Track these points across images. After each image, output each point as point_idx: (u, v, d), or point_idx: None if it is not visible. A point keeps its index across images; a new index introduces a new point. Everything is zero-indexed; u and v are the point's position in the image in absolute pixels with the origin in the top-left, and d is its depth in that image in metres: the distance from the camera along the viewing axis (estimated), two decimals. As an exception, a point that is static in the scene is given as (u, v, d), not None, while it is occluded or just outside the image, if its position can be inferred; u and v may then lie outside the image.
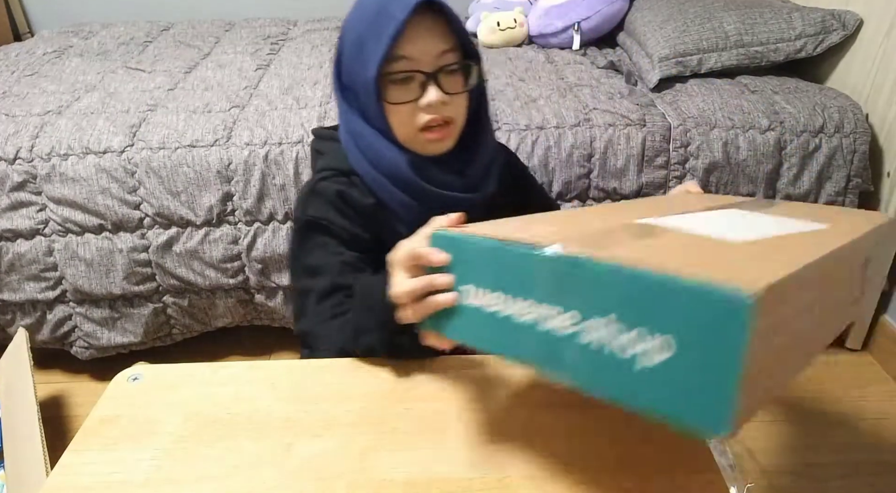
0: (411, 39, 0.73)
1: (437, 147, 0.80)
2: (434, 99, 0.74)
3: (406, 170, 0.79)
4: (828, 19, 1.61)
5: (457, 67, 0.76)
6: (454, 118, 0.79)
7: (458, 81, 0.77)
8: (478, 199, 0.83)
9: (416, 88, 0.75)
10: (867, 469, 1.34)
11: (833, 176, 1.45)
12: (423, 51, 0.74)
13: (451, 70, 0.76)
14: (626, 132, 1.42)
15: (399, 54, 0.73)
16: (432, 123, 0.77)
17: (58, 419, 1.47)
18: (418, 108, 0.76)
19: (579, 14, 1.90)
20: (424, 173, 0.80)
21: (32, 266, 1.41)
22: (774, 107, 1.48)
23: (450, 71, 0.76)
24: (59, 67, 1.82)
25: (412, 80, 0.75)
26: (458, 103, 0.78)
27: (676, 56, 1.61)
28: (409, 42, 0.73)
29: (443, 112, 0.76)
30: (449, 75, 0.76)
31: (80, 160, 1.36)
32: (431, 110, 0.76)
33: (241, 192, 1.38)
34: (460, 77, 0.77)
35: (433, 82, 0.74)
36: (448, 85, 0.76)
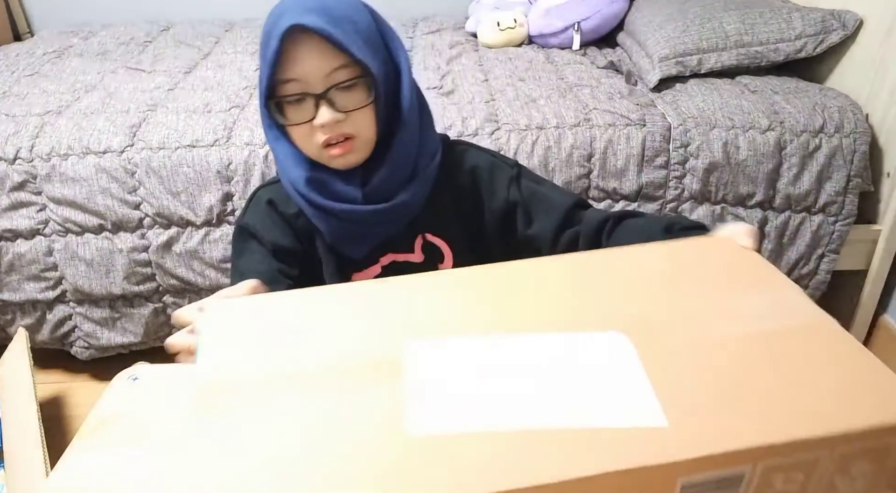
0: (296, 61, 0.74)
1: (343, 162, 0.80)
2: (326, 120, 0.75)
3: (304, 187, 0.81)
4: (828, 19, 1.61)
5: (351, 83, 0.75)
6: (355, 134, 0.78)
7: (354, 97, 0.76)
8: (386, 208, 0.82)
9: (310, 108, 0.75)
10: (867, 469, 1.34)
11: (833, 176, 1.45)
12: (309, 72, 0.74)
13: (344, 87, 0.75)
14: (626, 132, 1.42)
15: (287, 78, 0.74)
16: (331, 140, 0.77)
17: (58, 418, 1.47)
18: (314, 127, 0.76)
19: (579, 14, 1.90)
20: (324, 188, 0.82)
21: (32, 266, 1.41)
22: (774, 107, 1.48)
23: (343, 88, 0.75)
24: (59, 67, 1.82)
25: (305, 101, 0.75)
26: (357, 119, 0.77)
27: (676, 56, 1.61)
28: (294, 64, 0.74)
29: (339, 130, 0.76)
30: (343, 92, 0.75)
31: (80, 160, 1.36)
32: (327, 130, 0.76)
33: (241, 192, 1.38)
34: (359, 92, 0.76)
35: (324, 102, 0.75)
36: (342, 102, 0.75)
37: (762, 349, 0.51)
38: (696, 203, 1.46)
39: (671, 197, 1.45)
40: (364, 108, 0.77)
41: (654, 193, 1.45)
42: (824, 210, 1.47)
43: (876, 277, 1.56)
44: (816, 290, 1.54)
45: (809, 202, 1.47)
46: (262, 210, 0.88)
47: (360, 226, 0.84)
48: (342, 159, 0.79)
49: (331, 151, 0.78)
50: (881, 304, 1.61)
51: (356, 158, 0.80)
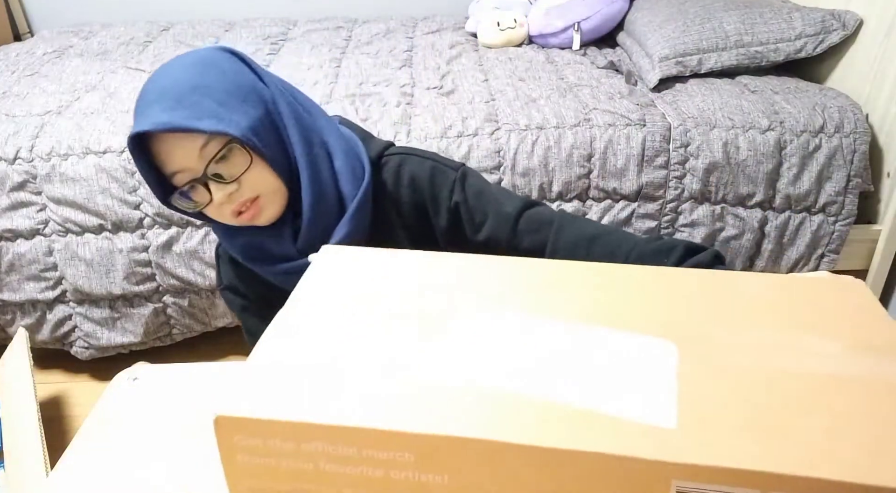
0: (166, 156, 0.73)
1: (260, 221, 0.78)
2: (220, 197, 0.73)
3: (243, 259, 0.82)
4: (828, 19, 1.61)
5: (224, 153, 0.72)
6: (258, 192, 0.75)
7: (235, 164, 0.73)
8: None
9: (203, 193, 0.74)
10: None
11: (833, 176, 1.45)
12: (182, 161, 0.72)
13: (220, 159, 0.72)
14: (626, 132, 1.42)
15: (171, 171, 0.73)
16: (238, 209, 0.75)
17: (58, 419, 1.47)
18: (217, 205, 0.75)
19: (579, 14, 1.90)
20: (261, 253, 0.80)
21: (32, 266, 1.41)
22: (774, 107, 1.48)
23: (220, 160, 0.72)
24: (59, 67, 1.82)
25: (196, 186, 0.74)
26: (251, 180, 0.74)
27: (676, 56, 1.61)
28: (166, 159, 0.73)
29: (239, 198, 0.74)
30: (223, 164, 0.73)
31: (80, 160, 1.36)
32: (228, 203, 0.74)
33: (241, 192, 1.39)
34: (237, 157, 0.73)
35: (211, 181, 0.73)
36: (228, 172, 0.73)
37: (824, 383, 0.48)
38: (696, 203, 1.46)
39: (671, 197, 1.45)
40: (249, 169, 0.74)
41: (654, 193, 1.45)
42: (824, 210, 1.47)
43: (876, 277, 1.56)
44: (816, 290, 1.54)
45: (809, 202, 1.47)
46: (230, 270, 0.88)
47: None
48: (258, 220, 0.77)
49: (242, 217, 0.76)
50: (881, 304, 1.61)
51: (272, 212, 0.78)
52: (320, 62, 1.84)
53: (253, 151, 0.73)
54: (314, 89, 1.62)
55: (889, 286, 1.59)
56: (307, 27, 2.23)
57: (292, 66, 1.81)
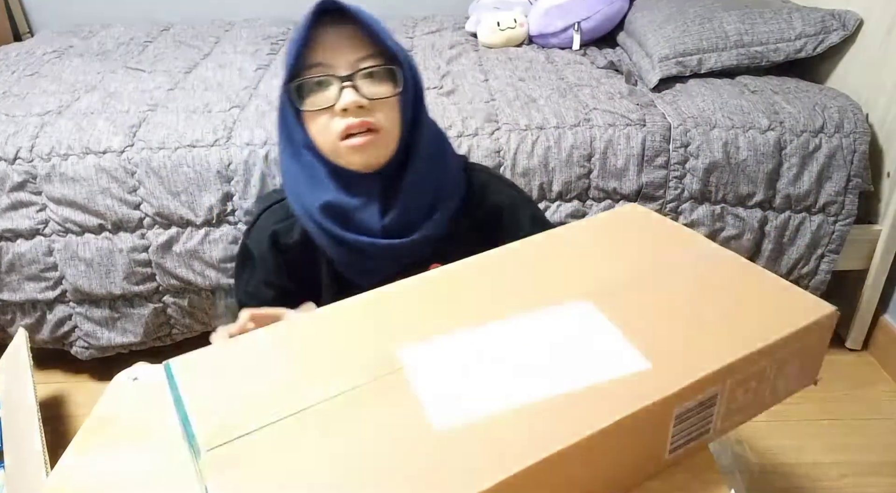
0: (323, 46, 0.72)
1: (362, 156, 0.75)
2: (349, 101, 0.71)
3: (318, 215, 0.78)
4: (828, 19, 1.61)
5: (377, 71, 0.73)
6: (378, 126, 0.74)
7: (381, 87, 0.74)
8: (404, 244, 0.79)
9: (332, 94, 0.73)
10: (867, 469, 1.34)
11: (833, 176, 1.45)
12: (336, 56, 0.72)
13: (370, 74, 0.73)
14: (626, 132, 1.42)
15: (313, 62, 0.73)
16: (352, 129, 0.73)
17: (58, 418, 1.47)
18: (335, 114, 0.73)
19: (579, 14, 1.90)
20: (341, 217, 0.78)
21: (32, 266, 1.41)
22: (774, 107, 1.48)
23: (369, 74, 0.73)
24: (59, 67, 1.82)
25: (328, 85, 0.73)
26: (383, 111, 0.74)
27: (676, 56, 1.61)
28: (321, 49, 0.73)
29: (362, 116, 0.73)
30: (368, 80, 0.73)
31: (80, 160, 1.36)
32: (349, 115, 0.73)
33: (241, 192, 1.39)
34: (386, 84, 0.74)
35: (349, 86, 0.72)
36: (367, 90, 0.73)
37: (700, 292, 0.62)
38: (696, 203, 1.46)
39: (671, 197, 1.45)
40: (389, 99, 0.74)
41: (654, 193, 1.45)
42: (824, 210, 1.47)
43: (876, 277, 1.56)
44: (816, 290, 1.54)
45: (809, 202, 1.47)
46: (263, 242, 0.85)
47: (374, 260, 0.80)
48: (362, 153, 0.75)
49: (350, 141, 0.73)
50: (881, 304, 1.61)
51: (378, 153, 0.76)
52: (320, 62, 1.84)
53: (400, 90, 0.74)
54: (314, 89, 1.61)
55: (889, 286, 1.59)
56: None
57: (292, 66, 1.81)
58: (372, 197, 0.78)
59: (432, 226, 0.80)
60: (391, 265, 0.80)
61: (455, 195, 0.83)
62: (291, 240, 0.84)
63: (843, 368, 1.61)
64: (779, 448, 1.39)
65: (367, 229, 0.78)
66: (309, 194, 0.79)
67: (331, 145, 0.75)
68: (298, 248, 0.84)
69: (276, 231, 0.84)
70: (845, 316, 1.66)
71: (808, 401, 1.52)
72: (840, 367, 1.61)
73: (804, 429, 1.44)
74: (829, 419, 1.47)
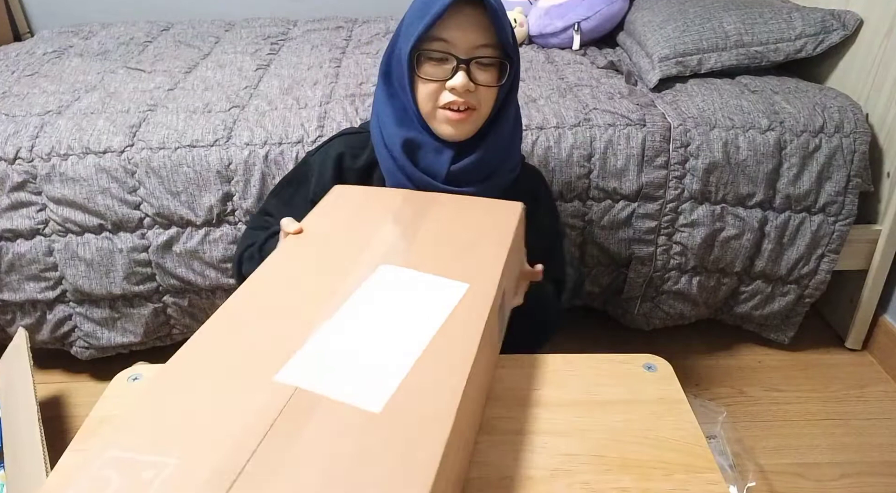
0: (453, 25, 0.80)
1: (454, 129, 0.85)
2: (460, 83, 0.81)
3: (398, 147, 0.87)
4: (828, 19, 1.61)
5: (491, 62, 0.83)
6: (478, 108, 0.84)
7: (489, 75, 0.84)
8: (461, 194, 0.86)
9: (448, 70, 0.82)
10: (867, 469, 1.34)
11: (833, 176, 1.45)
12: (461, 38, 0.81)
13: (484, 63, 0.82)
14: (626, 132, 1.42)
15: (439, 36, 0.81)
16: (453, 105, 0.83)
17: (58, 419, 1.47)
18: (444, 87, 0.83)
19: (579, 14, 1.90)
20: (416, 153, 0.88)
21: (32, 266, 1.41)
22: (774, 107, 1.48)
23: (483, 63, 0.82)
24: (59, 67, 1.82)
25: (446, 62, 0.82)
26: (484, 96, 0.84)
27: (676, 56, 1.61)
28: (450, 27, 0.80)
29: (466, 98, 0.83)
30: (481, 67, 0.83)
31: (80, 160, 1.36)
32: (456, 93, 0.82)
33: (241, 192, 1.38)
34: (493, 72, 0.84)
35: (464, 68, 0.81)
36: (478, 75, 0.82)
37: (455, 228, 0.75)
38: (696, 203, 1.46)
39: (671, 197, 1.45)
40: (493, 87, 0.84)
41: (654, 193, 1.45)
42: (824, 210, 1.47)
43: (876, 277, 1.57)
44: (816, 290, 1.54)
45: (809, 202, 1.47)
46: (329, 158, 0.94)
47: None
48: (456, 126, 0.85)
49: (449, 113, 0.83)
50: (881, 304, 1.61)
51: (465, 130, 0.86)
52: (320, 62, 1.84)
53: (504, 81, 0.85)
54: (314, 89, 1.62)
55: (889, 286, 1.59)
56: (307, 27, 2.23)
57: (292, 66, 1.81)
58: (448, 148, 0.88)
59: (486, 188, 0.89)
60: None
61: (512, 171, 0.94)
62: (356, 165, 0.93)
63: (843, 368, 1.61)
64: (779, 448, 1.39)
65: (435, 173, 0.87)
66: (394, 128, 0.87)
67: (430, 109, 0.85)
68: (359, 173, 0.93)
69: (345, 153, 0.93)
70: (845, 316, 1.66)
71: (808, 401, 1.52)
72: (840, 367, 1.62)
73: (804, 429, 1.44)
74: (829, 418, 1.47)
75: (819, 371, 1.60)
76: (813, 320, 1.70)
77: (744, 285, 1.56)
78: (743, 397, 1.53)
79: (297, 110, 1.49)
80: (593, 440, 0.61)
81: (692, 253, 1.49)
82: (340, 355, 0.56)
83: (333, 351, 0.56)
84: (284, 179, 1.03)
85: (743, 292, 1.57)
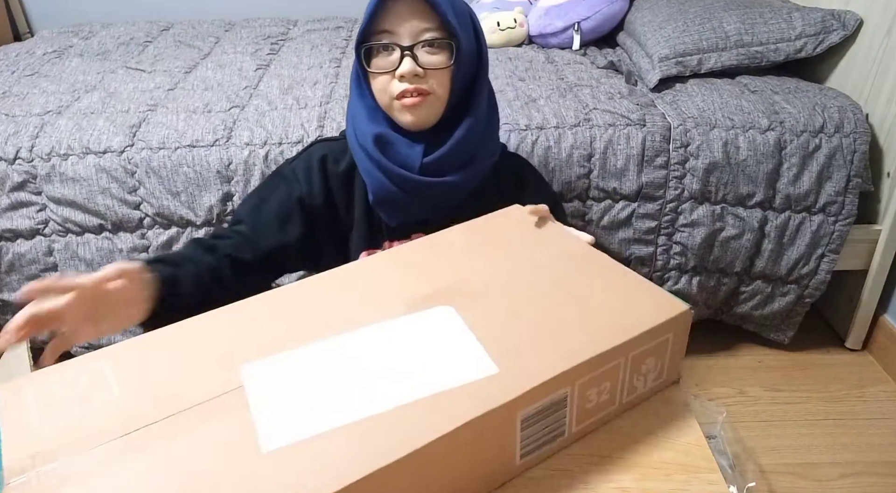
0: (392, 15, 0.82)
1: (412, 115, 0.85)
2: (407, 69, 0.82)
3: (370, 142, 0.87)
4: (828, 19, 1.61)
5: (436, 44, 0.83)
6: (430, 91, 0.84)
7: (438, 58, 0.84)
8: (433, 184, 0.88)
9: (395, 59, 0.83)
10: (867, 469, 1.34)
11: (833, 176, 1.45)
12: (402, 26, 0.82)
13: (429, 45, 0.83)
14: (626, 132, 1.42)
15: (381, 28, 0.83)
16: (406, 93, 0.83)
17: (58, 418, 1.47)
18: (395, 77, 0.83)
19: (579, 14, 1.90)
20: (389, 148, 0.88)
21: (32, 266, 1.41)
22: (774, 107, 1.48)
23: (428, 46, 0.83)
24: (59, 67, 1.82)
25: (392, 51, 0.83)
26: (437, 78, 0.84)
27: (676, 56, 1.61)
28: (390, 16, 0.82)
29: (416, 84, 0.83)
30: (427, 51, 0.83)
31: (80, 160, 1.36)
32: (405, 81, 0.83)
33: (241, 192, 1.38)
34: (443, 54, 0.84)
35: (409, 55, 0.82)
36: (425, 59, 0.83)
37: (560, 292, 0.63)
38: (696, 203, 1.46)
39: (671, 197, 1.45)
40: (443, 69, 0.84)
41: (654, 193, 1.45)
42: (824, 210, 1.47)
43: (876, 277, 1.57)
44: (816, 290, 1.54)
45: (809, 202, 1.47)
46: (312, 163, 0.93)
47: (404, 193, 0.88)
48: (414, 112, 0.85)
49: (404, 100, 0.84)
50: (881, 304, 1.61)
51: (426, 113, 0.86)
52: (320, 62, 1.84)
53: (455, 62, 0.84)
54: (314, 89, 1.62)
55: (889, 286, 1.59)
56: (307, 27, 2.23)
57: (292, 66, 1.81)
58: (419, 140, 0.88)
59: (465, 175, 0.89)
60: (420, 205, 0.90)
61: (492, 156, 0.93)
62: (338, 170, 0.93)
63: (843, 368, 1.61)
64: (779, 448, 1.39)
65: (409, 166, 0.87)
66: (366, 125, 0.88)
67: (387, 102, 0.86)
68: (341, 178, 0.93)
69: (327, 155, 0.94)
70: (845, 316, 1.66)
71: (808, 401, 1.52)
72: (840, 367, 1.62)
73: (804, 429, 1.44)
74: (830, 418, 1.47)
75: (819, 371, 1.60)
76: (813, 320, 1.70)
77: (744, 285, 1.56)
78: (743, 397, 1.53)
79: (297, 110, 1.49)
80: (593, 440, 0.61)
81: (692, 253, 1.49)
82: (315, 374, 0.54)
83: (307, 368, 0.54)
84: (265, 181, 0.99)
85: (743, 292, 1.57)
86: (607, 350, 0.55)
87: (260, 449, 0.47)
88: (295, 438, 0.48)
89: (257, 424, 0.49)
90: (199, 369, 0.55)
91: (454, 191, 0.90)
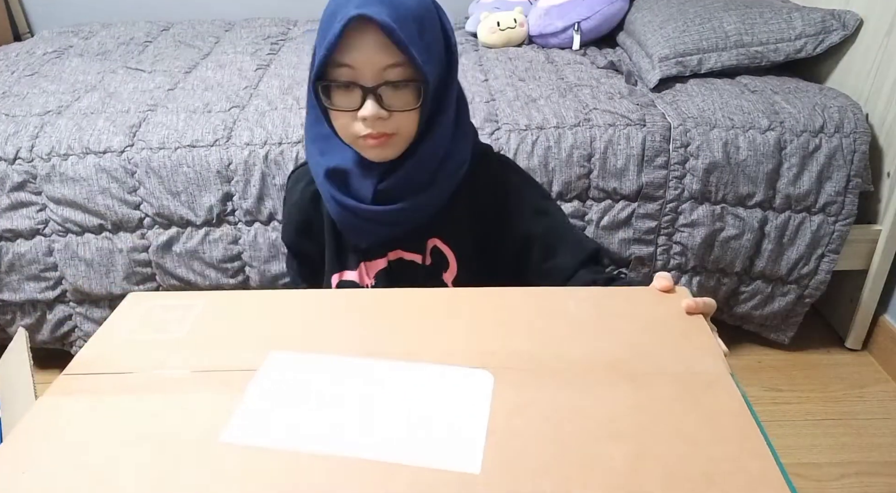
0: (354, 49, 0.72)
1: (377, 154, 0.79)
2: (369, 114, 0.73)
3: (321, 177, 0.84)
4: (828, 19, 1.61)
5: (403, 84, 0.74)
6: (396, 132, 0.77)
7: (403, 98, 0.75)
8: (388, 211, 0.82)
9: (356, 98, 0.74)
10: (866, 469, 1.34)
11: (833, 176, 1.45)
12: (364, 62, 0.72)
13: (395, 86, 0.74)
14: (626, 132, 1.42)
15: (341, 61, 0.73)
16: (370, 136, 0.76)
17: (58, 419, 1.47)
18: (356, 118, 0.75)
19: (579, 14, 1.90)
20: (341, 181, 0.83)
21: (32, 266, 1.41)
22: (774, 107, 1.48)
23: (394, 87, 0.74)
24: (59, 67, 1.82)
25: (353, 90, 0.74)
26: (401, 119, 0.76)
27: (676, 56, 1.61)
28: (351, 50, 0.72)
29: (380, 128, 0.75)
30: (393, 91, 0.74)
31: (80, 160, 1.36)
32: (368, 124, 0.75)
33: (241, 192, 1.38)
34: (408, 94, 0.75)
35: (372, 96, 0.73)
36: (390, 101, 0.74)
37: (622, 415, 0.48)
38: (696, 203, 1.46)
39: (671, 197, 1.45)
40: (409, 112, 0.76)
41: (654, 193, 1.45)
42: (824, 210, 1.47)
43: (876, 277, 1.56)
44: (816, 290, 1.54)
45: (809, 202, 1.47)
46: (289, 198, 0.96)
47: (367, 223, 0.86)
48: (377, 151, 0.79)
49: (367, 141, 0.77)
50: (881, 304, 1.61)
51: (392, 152, 0.79)
52: (320, 62, 1.84)
53: (423, 104, 0.76)
54: (314, 89, 1.61)
55: (889, 286, 1.59)
56: (307, 27, 2.23)
57: (292, 66, 1.81)
58: (373, 167, 0.82)
59: (425, 198, 0.83)
60: (383, 229, 0.86)
61: (457, 173, 0.85)
62: (308, 194, 0.92)
63: (843, 368, 1.61)
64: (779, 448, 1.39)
65: (361, 197, 0.83)
66: (317, 157, 0.85)
67: (350, 139, 0.79)
68: (309, 202, 0.92)
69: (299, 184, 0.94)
70: (845, 316, 1.66)
71: (808, 401, 1.52)
72: (840, 367, 1.61)
73: (804, 429, 1.44)
74: (829, 418, 1.47)
75: (819, 371, 1.60)
76: (813, 320, 1.70)
77: (744, 285, 1.56)
78: (743, 397, 1.53)
79: (297, 110, 1.49)
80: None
81: (692, 253, 1.49)
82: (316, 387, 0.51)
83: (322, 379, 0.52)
84: None
85: (743, 292, 1.57)
86: None
87: (219, 435, 0.47)
88: (253, 441, 0.46)
89: (236, 411, 0.49)
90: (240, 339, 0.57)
91: (414, 215, 0.84)
